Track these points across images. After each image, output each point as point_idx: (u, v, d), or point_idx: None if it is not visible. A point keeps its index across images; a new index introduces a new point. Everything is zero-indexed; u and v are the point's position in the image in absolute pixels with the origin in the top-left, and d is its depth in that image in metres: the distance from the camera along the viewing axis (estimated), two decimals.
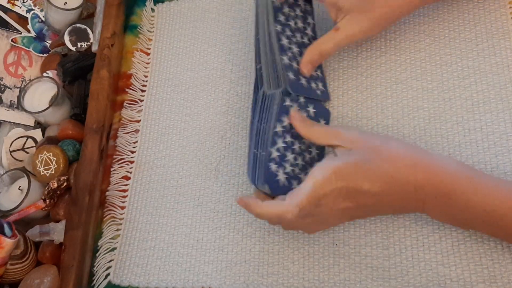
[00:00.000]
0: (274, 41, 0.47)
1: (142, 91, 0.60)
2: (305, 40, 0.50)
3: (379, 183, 0.38)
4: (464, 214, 0.38)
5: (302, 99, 0.46)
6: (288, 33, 0.48)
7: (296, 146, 0.45)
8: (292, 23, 0.49)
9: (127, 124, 0.58)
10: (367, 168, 0.38)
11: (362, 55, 0.53)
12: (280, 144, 0.44)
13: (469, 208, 0.37)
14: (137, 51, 0.62)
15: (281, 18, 0.48)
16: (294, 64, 0.47)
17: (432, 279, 0.42)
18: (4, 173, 0.57)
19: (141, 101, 0.59)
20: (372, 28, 0.46)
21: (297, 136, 0.45)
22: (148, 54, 0.62)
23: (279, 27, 0.48)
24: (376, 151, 0.39)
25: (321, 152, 0.47)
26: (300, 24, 0.50)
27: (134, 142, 0.57)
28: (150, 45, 0.62)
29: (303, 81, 0.47)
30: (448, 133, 0.47)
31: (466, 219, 0.39)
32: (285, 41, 0.48)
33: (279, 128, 0.44)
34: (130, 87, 0.60)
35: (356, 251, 0.45)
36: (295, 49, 0.48)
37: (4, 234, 0.45)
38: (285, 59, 0.47)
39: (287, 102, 0.45)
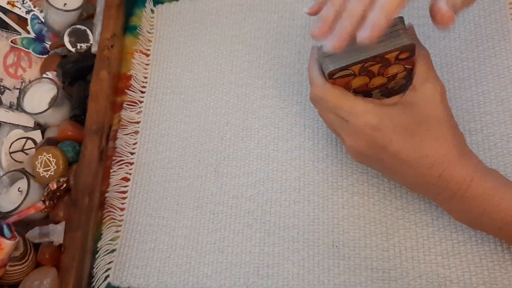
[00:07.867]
0: None
1: (142, 92, 0.60)
2: None
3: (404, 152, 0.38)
4: (481, 219, 0.38)
5: None
6: None
7: None
8: None
9: (126, 126, 0.58)
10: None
11: None
12: None
13: (488, 215, 0.37)
14: (137, 52, 0.62)
15: None
16: None
17: (432, 280, 0.42)
18: (3, 175, 0.56)
19: (141, 102, 0.59)
20: None
21: None
22: (147, 55, 0.62)
23: None
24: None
25: None
26: None
27: (134, 144, 0.57)
28: (150, 46, 0.62)
29: None
30: None
31: (483, 224, 0.39)
32: None
33: None
34: (130, 88, 0.60)
35: (356, 253, 0.45)
36: None
37: (3, 235, 0.45)
38: None
39: None
